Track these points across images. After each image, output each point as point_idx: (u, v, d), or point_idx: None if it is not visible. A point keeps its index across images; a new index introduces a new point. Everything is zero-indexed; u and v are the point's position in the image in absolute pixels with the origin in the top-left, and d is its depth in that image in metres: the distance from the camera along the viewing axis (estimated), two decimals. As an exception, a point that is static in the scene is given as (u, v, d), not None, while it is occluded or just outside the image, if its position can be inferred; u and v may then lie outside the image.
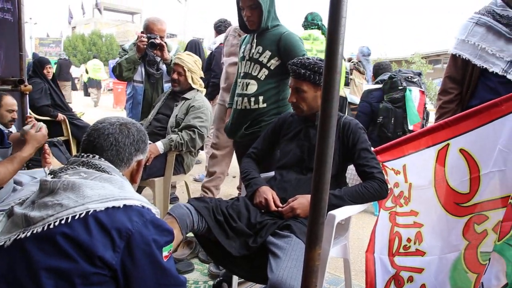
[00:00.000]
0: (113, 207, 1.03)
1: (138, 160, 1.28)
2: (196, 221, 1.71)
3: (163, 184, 2.86)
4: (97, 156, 1.17)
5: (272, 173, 2.12)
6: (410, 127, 3.55)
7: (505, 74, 1.94)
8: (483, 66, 2.00)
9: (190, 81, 3.00)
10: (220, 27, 4.61)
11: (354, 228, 3.05)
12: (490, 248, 1.54)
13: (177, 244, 1.73)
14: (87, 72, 14.13)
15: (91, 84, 13.84)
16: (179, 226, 1.65)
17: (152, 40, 3.15)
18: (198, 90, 3.06)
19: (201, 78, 3.11)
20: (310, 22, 4.20)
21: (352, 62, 5.54)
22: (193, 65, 3.00)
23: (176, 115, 2.93)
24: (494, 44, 1.98)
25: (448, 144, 1.76)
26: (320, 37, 4.10)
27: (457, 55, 2.11)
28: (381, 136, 3.58)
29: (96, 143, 1.19)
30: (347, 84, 5.19)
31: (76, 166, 1.14)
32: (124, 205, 1.05)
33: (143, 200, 1.13)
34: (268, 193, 1.84)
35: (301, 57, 1.97)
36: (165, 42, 3.29)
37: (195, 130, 2.82)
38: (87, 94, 14.38)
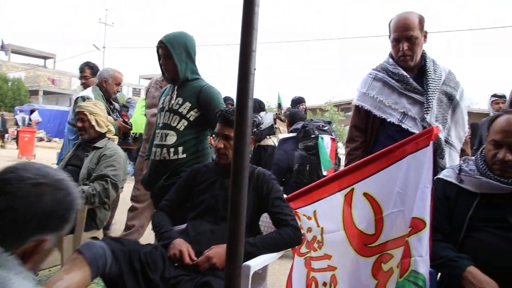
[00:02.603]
0: None
1: (40, 240, 0.93)
2: (110, 264, 1.54)
3: (72, 243, 2.58)
4: None
5: (184, 226, 2.07)
6: (324, 173, 3.76)
7: (400, 124, 2.17)
8: (382, 116, 2.22)
9: (94, 123, 2.84)
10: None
11: (276, 274, 3.05)
12: (395, 285, 1.65)
13: None
14: None
15: None
16: (90, 269, 1.47)
17: None
18: (109, 138, 2.94)
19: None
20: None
21: (273, 112, 5.80)
22: (93, 107, 2.88)
23: (88, 166, 2.76)
24: (389, 97, 2.22)
25: (353, 189, 1.89)
26: None
27: (360, 106, 2.32)
28: (298, 183, 3.72)
29: None
30: (273, 133, 5.41)
31: None
32: None
33: None
34: (183, 246, 1.79)
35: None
36: None
37: (108, 179, 2.65)
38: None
